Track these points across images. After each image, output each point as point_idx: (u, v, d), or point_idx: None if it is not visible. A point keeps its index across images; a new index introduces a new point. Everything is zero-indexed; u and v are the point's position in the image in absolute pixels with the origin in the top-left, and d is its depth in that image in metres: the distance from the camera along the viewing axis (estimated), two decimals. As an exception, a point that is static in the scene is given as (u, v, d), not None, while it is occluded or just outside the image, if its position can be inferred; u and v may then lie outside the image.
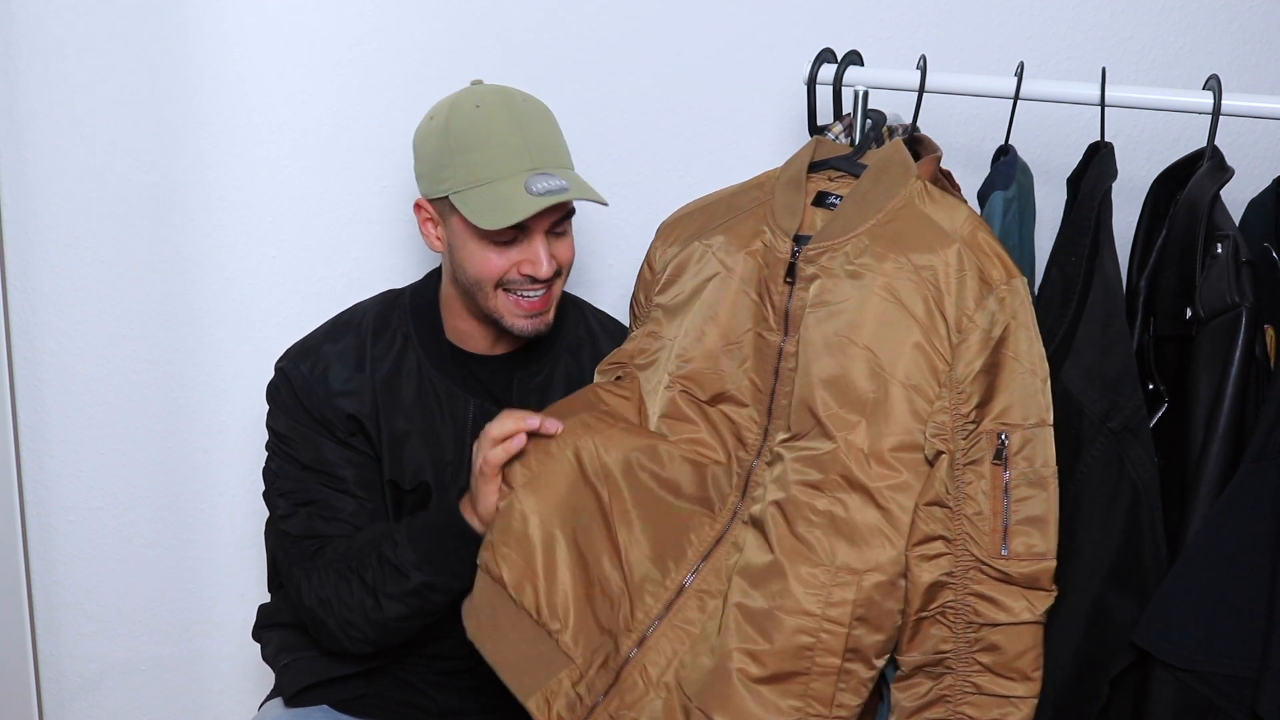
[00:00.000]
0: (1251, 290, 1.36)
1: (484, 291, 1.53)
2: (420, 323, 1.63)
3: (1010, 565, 1.33)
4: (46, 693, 2.02)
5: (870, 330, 1.40)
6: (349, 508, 1.57)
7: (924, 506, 1.36)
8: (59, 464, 1.94)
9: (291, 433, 1.59)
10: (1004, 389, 1.36)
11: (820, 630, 1.35)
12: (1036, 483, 1.34)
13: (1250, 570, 1.34)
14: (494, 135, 1.50)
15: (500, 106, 1.52)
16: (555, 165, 1.51)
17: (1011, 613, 1.33)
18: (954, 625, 1.35)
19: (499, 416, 1.47)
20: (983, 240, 1.40)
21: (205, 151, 1.84)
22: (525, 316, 1.54)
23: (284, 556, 1.60)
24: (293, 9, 1.82)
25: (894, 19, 1.87)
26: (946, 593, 1.35)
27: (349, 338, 1.62)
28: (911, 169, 1.47)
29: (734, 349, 1.49)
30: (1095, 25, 1.89)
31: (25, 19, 1.79)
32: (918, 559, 1.35)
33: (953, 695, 1.36)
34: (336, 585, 1.52)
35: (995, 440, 1.35)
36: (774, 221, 1.49)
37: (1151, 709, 1.39)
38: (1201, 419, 1.38)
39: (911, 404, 1.37)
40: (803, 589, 1.36)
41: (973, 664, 1.35)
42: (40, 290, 1.88)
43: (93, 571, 1.98)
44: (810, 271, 1.44)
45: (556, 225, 1.53)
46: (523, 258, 1.51)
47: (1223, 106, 1.48)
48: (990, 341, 1.36)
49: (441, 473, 1.60)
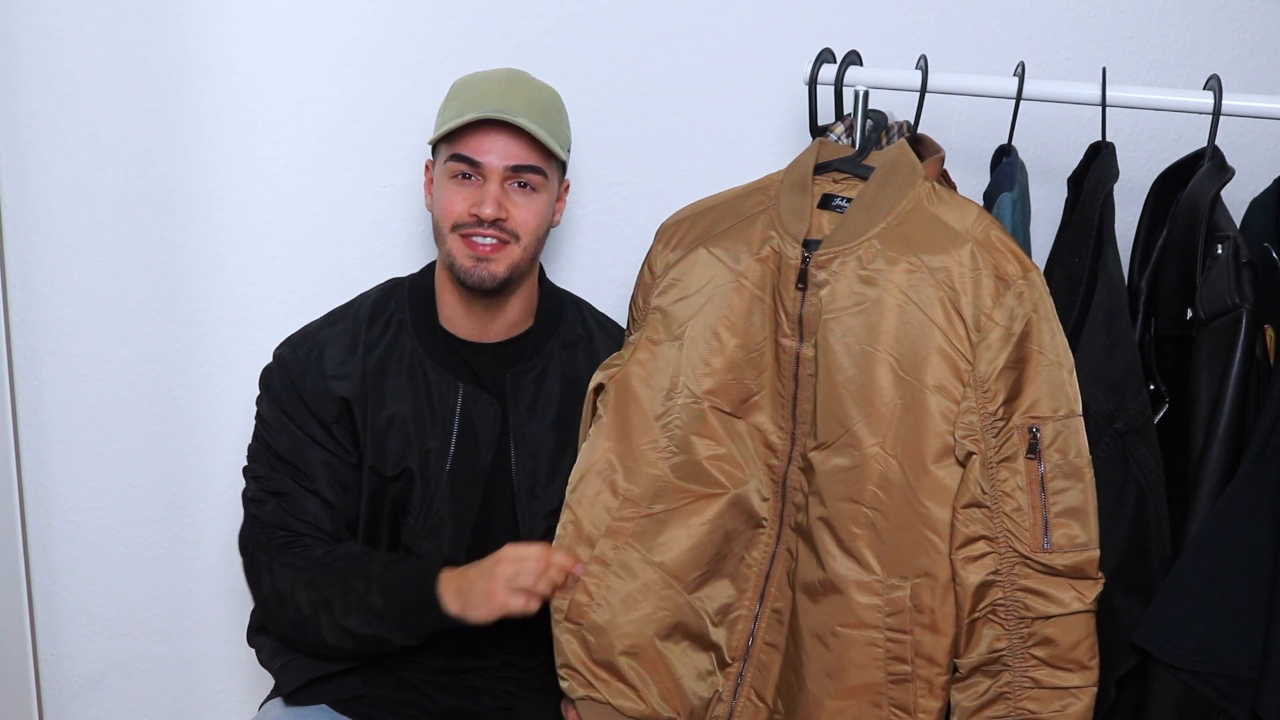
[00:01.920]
0: (1252, 291, 1.36)
1: (443, 235, 1.58)
2: (415, 309, 1.65)
3: (1054, 558, 1.34)
4: (46, 693, 2.02)
5: (891, 336, 1.40)
6: (313, 509, 1.58)
7: (962, 509, 1.37)
8: (59, 464, 1.94)
9: (273, 420, 1.61)
10: (1031, 382, 1.36)
11: (887, 641, 1.38)
12: (1072, 474, 1.35)
13: (1251, 571, 1.34)
14: (481, 85, 1.59)
15: (502, 70, 1.63)
16: (523, 112, 1.55)
17: (1061, 604, 1.34)
18: (1006, 622, 1.36)
19: (526, 557, 1.46)
20: (996, 237, 1.41)
21: (205, 151, 1.84)
22: (471, 258, 1.57)
23: (250, 536, 1.62)
24: (293, 9, 1.81)
25: (894, 19, 1.87)
26: (995, 591, 1.36)
27: (345, 323, 1.64)
28: (918, 170, 1.47)
29: (755, 357, 1.50)
30: (1095, 25, 1.88)
31: (25, 19, 1.78)
32: (963, 562, 1.36)
33: (1012, 692, 1.37)
34: (296, 588, 1.54)
35: (1028, 435, 1.35)
36: (781, 226, 1.49)
37: (1153, 709, 1.39)
38: (1202, 419, 1.38)
39: (939, 407, 1.38)
40: (860, 603, 1.39)
41: (1029, 659, 1.36)
42: (40, 290, 1.87)
43: (93, 571, 1.98)
44: (822, 277, 1.44)
45: (517, 179, 1.56)
46: (477, 199, 1.55)
47: (1223, 106, 1.49)
48: (1012, 337, 1.37)
49: (426, 459, 1.60)
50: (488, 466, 1.61)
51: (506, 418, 1.62)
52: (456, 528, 1.60)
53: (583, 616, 1.51)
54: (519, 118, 1.53)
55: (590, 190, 1.90)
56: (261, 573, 1.58)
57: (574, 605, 1.51)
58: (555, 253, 1.90)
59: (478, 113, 1.53)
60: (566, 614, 1.51)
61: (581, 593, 1.51)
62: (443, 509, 1.60)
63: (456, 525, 1.60)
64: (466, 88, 1.60)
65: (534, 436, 1.62)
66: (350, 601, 1.51)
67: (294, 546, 1.57)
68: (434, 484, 1.60)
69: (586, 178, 1.89)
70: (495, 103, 1.55)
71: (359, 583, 1.51)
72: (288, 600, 1.55)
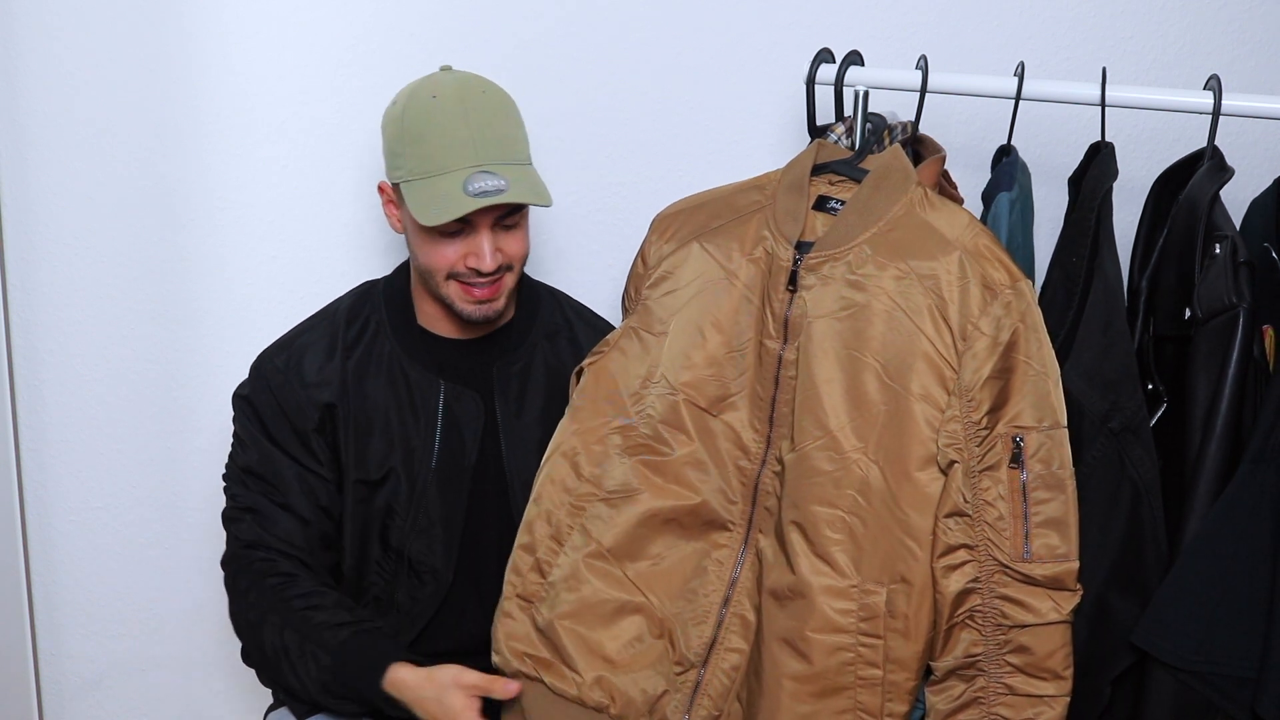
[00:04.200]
0: (1249, 291, 1.36)
1: (435, 280, 1.55)
2: (392, 309, 1.64)
3: (1033, 567, 1.34)
4: (46, 693, 2.02)
5: (878, 342, 1.40)
6: (284, 525, 1.57)
7: (943, 519, 1.36)
8: (59, 464, 1.94)
9: (246, 435, 1.61)
10: (1017, 392, 1.36)
11: (858, 645, 1.37)
12: (1054, 485, 1.35)
13: (1250, 571, 1.34)
14: (443, 128, 1.50)
15: (454, 99, 1.51)
16: (501, 160, 1.50)
17: (1038, 614, 1.34)
18: (983, 628, 1.36)
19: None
20: (985, 246, 1.40)
21: (205, 151, 1.84)
22: (473, 303, 1.55)
23: (230, 556, 1.61)
24: (293, 9, 1.82)
25: (894, 19, 1.87)
26: (974, 598, 1.36)
27: (322, 328, 1.63)
28: (912, 176, 1.46)
29: (736, 356, 1.49)
30: (1095, 25, 1.89)
31: (25, 19, 1.78)
32: (943, 570, 1.36)
33: (986, 697, 1.37)
34: (265, 626, 1.53)
35: (1011, 444, 1.35)
36: (776, 227, 1.49)
37: (1150, 709, 1.39)
38: (1199, 419, 1.38)
39: (924, 415, 1.37)
40: (831, 607, 1.38)
41: (1004, 665, 1.36)
42: (40, 290, 1.88)
43: (93, 571, 1.98)
44: (811, 280, 1.44)
45: (504, 219, 1.53)
46: (468, 250, 1.52)
47: (1223, 106, 1.49)
48: (999, 347, 1.36)
49: (410, 459, 1.60)
50: (474, 463, 1.60)
51: (493, 413, 1.62)
52: (446, 527, 1.60)
53: (534, 596, 1.51)
54: (507, 187, 1.47)
55: (590, 190, 1.90)
56: (240, 599, 1.58)
57: (527, 584, 1.51)
58: (555, 252, 1.90)
59: (464, 179, 1.46)
60: (518, 591, 1.52)
61: (533, 571, 1.51)
62: (431, 509, 1.59)
63: (446, 525, 1.60)
64: (428, 128, 1.50)
65: (523, 430, 1.62)
66: (306, 667, 1.50)
67: (270, 576, 1.55)
68: (420, 484, 1.59)
69: (587, 178, 1.89)
70: (470, 154, 1.48)
71: (317, 656, 1.49)
72: (257, 635, 1.54)
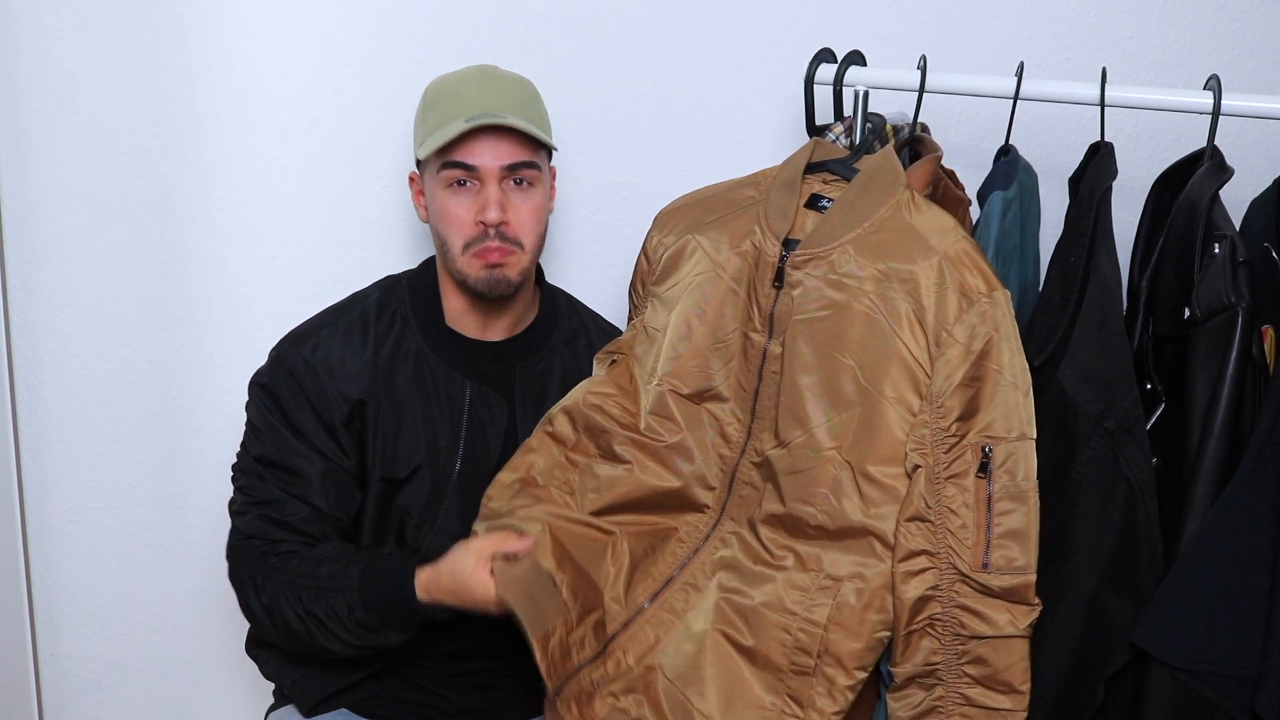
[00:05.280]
0: (1248, 290, 1.36)
1: (453, 256, 1.57)
2: (419, 307, 1.64)
3: (991, 579, 1.34)
4: (46, 693, 2.02)
5: (856, 343, 1.40)
6: (300, 513, 1.55)
7: (904, 523, 1.37)
8: (59, 464, 1.94)
9: (263, 423, 1.58)
10: (988, 402, 1.36)
11: (798, 629, 1.38)
12: (1017, 496, 1.35)
13: (1250, 570, 1.34)
14: (456, 91, 1.57)
15: (472, 69, 1.60)
16: (508, 110, 1.54)
17: (995, 625, 1.34)
18: (942, 637, 1.36)
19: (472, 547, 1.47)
20: (964, 252, 1.40)
21: (205, 151, 1.84)
22: (485, 268, 1.56)
23: (231, 548, 1.60)
24: (293, 9, 1.82)
25: (894, 19, 1.87)
26: (934, 605, 1.36)
27: (350, 319, 1.62)
28: (901, 178, 1.47)
29: (721, 347, 1.50)
30: (1095, 25, 1.89)
31: (25, 19, 1.79)
32: (903, 575, 1.36)
33: (944, 706, 1.37)
34: (281, 602, 1.52)
35: (980, 453, 1.35)
36: (766, 223, 1.50)
37: (1148, 708, 1.39)
38: (1198, 419, 1.38)
39: (897, 417, 1.38)
40: (789, 592, 1.39)
41: (962, 676, 1.36)
42: (40, 290, 1.88)
43: (93, 571, 1.98)
44: (797, 277, 1.45)
45: (513, 176, 1.55)
46: (479, 206, 1.54)
47: (1223, 106, 1.49)
48: (971, 355, 1.36)
49: (435, 459, 1.59)
50: (495, 465, 1.60)
51: (514, 415, 1.62)
52: (464, 527, 1.59)
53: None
54: (506, 117, 1.52)
55: (590, 190, 1.90)
56: (246, 588, 1.56)
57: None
58: (554, 252, 1.90)
59: (465, 119, 1.52)
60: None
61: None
62: (451, 509, 1.59)
63: (464, 525, 1.59)
64: (443, 95, 1.58)
65: None
66: (338, 618, 1.50)
67: (270, 556, 1.54)
68: (443, 484, 1.59)
69: (587, 178, 1.89)
70: (477, 105, 1.53)
71: (341, 602, 1.49)
72: (277, 616, 1.53)
